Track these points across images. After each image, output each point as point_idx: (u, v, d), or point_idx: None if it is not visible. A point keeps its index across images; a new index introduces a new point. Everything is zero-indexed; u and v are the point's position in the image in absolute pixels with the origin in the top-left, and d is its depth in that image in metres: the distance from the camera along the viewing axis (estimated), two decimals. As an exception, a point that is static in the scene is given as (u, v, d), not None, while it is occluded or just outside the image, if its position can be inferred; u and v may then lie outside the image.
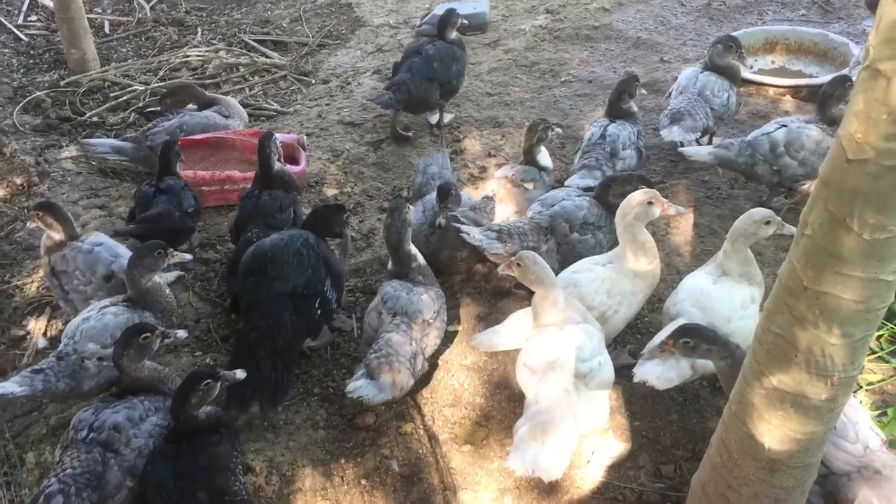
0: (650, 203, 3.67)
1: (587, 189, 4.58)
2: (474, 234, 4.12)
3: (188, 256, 4.07)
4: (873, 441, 2.97)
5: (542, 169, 4.89)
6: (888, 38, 1.83)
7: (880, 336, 4.00)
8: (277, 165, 4.76)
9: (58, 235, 4.13)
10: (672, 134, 5.13)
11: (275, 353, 3.70)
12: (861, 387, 3.73)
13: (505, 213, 4.75)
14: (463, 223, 4.27)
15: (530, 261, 3.39)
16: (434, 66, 6.02)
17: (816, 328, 2.16)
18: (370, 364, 3.52)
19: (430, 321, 3.76)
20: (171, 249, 3.91)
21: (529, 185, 4.82)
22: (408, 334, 3.65)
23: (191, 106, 6.04)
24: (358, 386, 3.44)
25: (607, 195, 4.27)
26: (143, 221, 4.48)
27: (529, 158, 4.90)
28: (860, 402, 3.54)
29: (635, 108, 5.18)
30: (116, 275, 4.10)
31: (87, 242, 4.18)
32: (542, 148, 4.89)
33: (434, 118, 6.38)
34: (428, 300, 3.79)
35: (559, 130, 4.95)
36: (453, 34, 6.18)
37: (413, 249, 3.98)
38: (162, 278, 3.99)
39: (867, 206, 1.97)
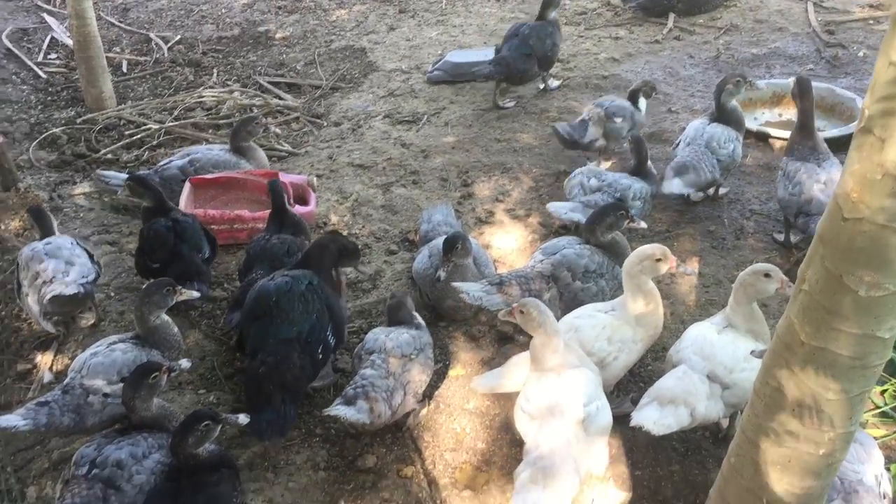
0: (658, 259, 3.71)
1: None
2: (473, 293, 4.13)
3: (196, 294, 4.11)
4: (868, 481, 2.94)
5: (637, 109, 6.08)
6: (882, 101, 1.88)
7: (884, 391, 4.00)
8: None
9: (37, 235, 4.73)
10: (672, 186, 5.22)
11: (283, 388, 3.74)
12: (864, 442, 3.71)
13: (594, 135, 5.97)
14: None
15: (533, 308, 3.41)
16: (530, 42, 7.03)
17: (814, 383, 2.18)
18: (346, 394, 3.62)
19: (412, 357, 3.80)
20: (180, 287, 3.96)
21: (618, 120, 5.95)
22: (382, 368, 3.71)
23: (204, 146, 6.16)
24: (335, 407, 3.53)
25: (595, 234, 4.33)
26: (180, 276, 4.46)
27: (633, 100, 6.08)
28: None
29: (654, 170, 5.38)
30: (39, 273, 4.39)
31: (44, 241, 4.60)
32: (644, 100, 6.08)
33: (541, 85, 7.50)
34: (408, 337, 3.86)
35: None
36: (553, 14, 7.19)
37: (414, 316, 4.13)
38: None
39: (863, 265, 2.00)
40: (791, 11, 8.71)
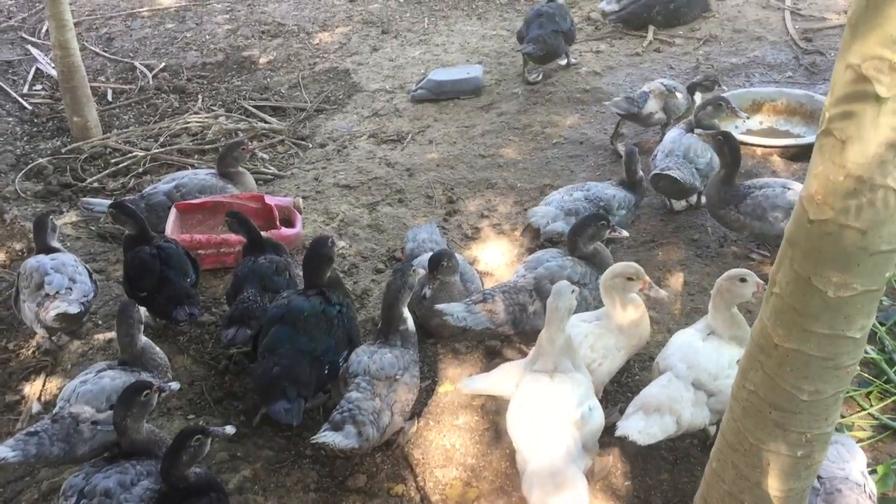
0: (630, 278, 3.76)
1: None
2: (457, 314, 4.14)
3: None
4: (854, 477, 2.96)
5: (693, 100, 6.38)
6: (841, 104, 1.92)
7: (870, 393, 4.02)
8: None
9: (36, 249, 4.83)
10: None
11: (298, 384, 3.86)
12: (851, 443, 3.73)
13: (653, 108, 6.31)
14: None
15: (553, 299, 3.47)
16: (556, 20, 7.70)
17: (788, 385, 2.21)
18: (333, 419, 3.60)
19: (397, 377, 3.79)
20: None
21: (679, 96, 6.37)
22: (368, 391, 3.70)
23: (190, 171, 6.19)
24: (322, 434, 3.51)
25: (577, 245, 4.37)
26: (170, 301, 4.56)
27: (690, 92, 6.40)
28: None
29: (644, 183, 5.41)
30: (44, 286, 4.46)
31: (50, 256, 4.66)
32: (701, 95, 6.28)
33: (531, 76, 8.04)
34: (391, 358, 3.84)
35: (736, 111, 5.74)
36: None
37: (405, 313, 4.04)
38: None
39: (830, 265, 2.03)
40: (769, 20, 8.81)
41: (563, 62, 8.16)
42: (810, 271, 2.06)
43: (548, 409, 3.33)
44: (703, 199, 5.74)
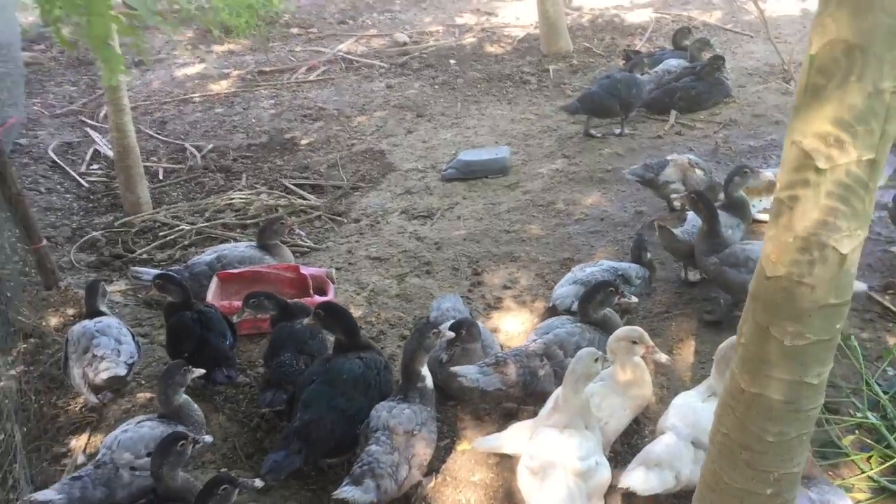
0: (634, 342, 4.00)
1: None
2: (470, 376, 4.36)
3: (202, 371, 4.47)
4: None
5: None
6: (789, 175, 2.21)
7: (870, 457, 4.15)
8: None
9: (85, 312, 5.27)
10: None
11: (307, 442, 4.08)
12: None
13: (671, 177, 6.59)
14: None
15: (576, 358, 3.75)
16: (618, 86, 8.55)
17: (755, 427, 2.44)
18: (353, 473, 3.82)
19: (415, 432, 4.01)
20: (190, 367, 4.37)
21: (699, 172, 6.60)
22: (388, 444, 3.93)
23: (231, 244, 6.60)
24: (343, 490, 3.71)
25: (588, 311, 4.62)
26: (209, 362, 4.79)
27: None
28: None
29: (654, 264, 5.72)
30: (90, 348, 4.81)
31: (94, 321, 5.04)
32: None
33: (617, 129, 8.97)
34: (410, 413, 4.07)
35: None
36: (637, 73, 8.77)
37: (424, 371, 4.28)
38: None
39: (785, 317, 2.29)
40: (787, 106, 9.13)
41: (617, 131, 8.93)
42: (769, 322, 2.32)
43: (553, 460, 3.56)
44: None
